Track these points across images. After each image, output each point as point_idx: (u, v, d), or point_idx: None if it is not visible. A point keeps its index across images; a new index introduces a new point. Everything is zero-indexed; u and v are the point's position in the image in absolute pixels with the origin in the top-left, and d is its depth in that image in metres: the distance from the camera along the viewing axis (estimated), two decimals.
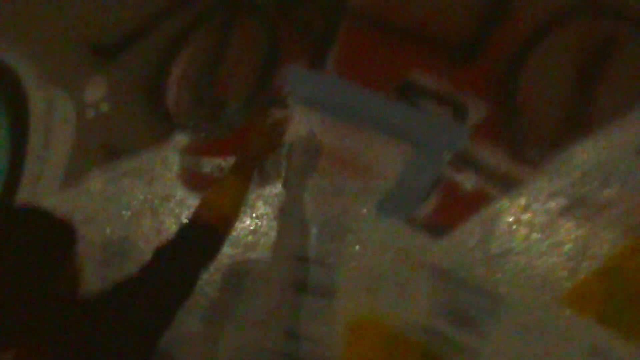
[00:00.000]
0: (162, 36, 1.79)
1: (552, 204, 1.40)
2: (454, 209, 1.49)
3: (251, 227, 1.65)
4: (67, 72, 1.89)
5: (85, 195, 1.84)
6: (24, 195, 1.93)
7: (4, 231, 1.07)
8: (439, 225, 1.50)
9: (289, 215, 1.63)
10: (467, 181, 1.49)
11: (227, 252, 1.65)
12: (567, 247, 1.38)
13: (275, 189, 1.64)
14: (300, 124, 1.63)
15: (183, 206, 1.72)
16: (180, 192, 1.74)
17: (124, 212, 1.79)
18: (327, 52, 1.61)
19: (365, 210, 1.56)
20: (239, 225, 1.65)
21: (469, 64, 1.49)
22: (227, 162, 1.68)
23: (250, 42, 1.70)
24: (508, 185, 1.45)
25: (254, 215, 1.65)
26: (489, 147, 1.47)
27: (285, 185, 1.64)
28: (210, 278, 1.67)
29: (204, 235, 1.33)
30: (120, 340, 1.13)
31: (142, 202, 1.77)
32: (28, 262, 1.05)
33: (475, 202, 1.48)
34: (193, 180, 1.73)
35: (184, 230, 1.34)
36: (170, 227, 1.72)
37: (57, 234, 1.12)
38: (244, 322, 1.65)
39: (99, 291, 1.20)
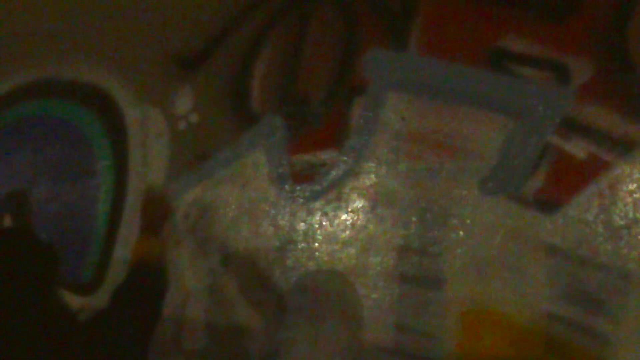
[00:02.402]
0: (241, 39, 1.79)
1: None
2: (567, 181, 1.37)
3: (348, 222, 1.61)
4: (156, 88, 1.94)
5: (184, 206, 1.88)
6: (128, 213, 2.01)
7: None
8: (551, 200, 1.38)
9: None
10: (579, 149, 1.35)
11: (327, 249, 1.62)
12: None
13: (370, 180, 1.58)
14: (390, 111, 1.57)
15: (277, 207, 1.71)
16: (273, 193, 1.72)
17: (222, 219, 1.81)
18: (409, 31, 1.54)
19: (466, 192, 1.46)
20: (335, 222, 1.62)
21: (566, 20, 1.37)
22: (316, 157, 1.65)
23: (328, 31, 1.66)
24: (626, 148, 1.31)
25: (349, 209, 1.60)
26: (600, 109, 1.34)
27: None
28: (313, 277, 1.65)
29: (155, 273, 1.51)
30: None
31: (238, 207, 1.78)
32: (12, 280, 1.14)
33: (590, 171, 1.35)
34: (284, 179, 1.71)
35: (134, 275, 1.49)
36: (267, 229, 1.72)
37: (38, 255, 1.21)
38: (351, 319, 1.60)
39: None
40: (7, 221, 2.26)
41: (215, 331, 1.81)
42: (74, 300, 2.08)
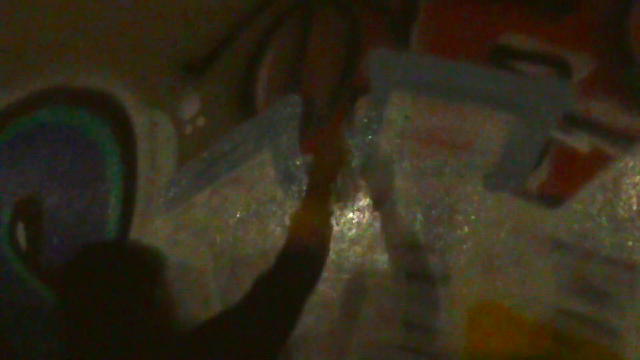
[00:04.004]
0: (245, 43, 1.81)
1: None
2: (570, 175, 1.37)
3: (354, 221, 1.62)
4: (163, 93, 1.96)
5: (193, 209, 1.90)
6: (138, 218, 2.03)
7: (92, 267, 1.12)
8: (555, 194, 1.38)
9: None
10: (581, 143, 1.36)
11: (334, 247, 1.63)
12: None
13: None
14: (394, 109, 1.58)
15: (284, 208, 1.72)
16: (280, 195, 1.74)
17: (230, 221, 1.83)
18: (410, 30, 1.55)
19: (470, 189, 1.47)
20: (341, 220, 1.62)
21: (566, 15, 1.38)
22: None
23: (330, 33, 1.68)
24: (629, 141, 1.32)
25: (355, 207, 1.62)
26: (602, 103, 1.35)
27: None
28: (322, 275, 1.65)
29: (305, 260, 1.28)
30: None
31: (245, 209, 1.80)
32: (118, 294, 1.09)
33: (593, 165, 1.35)
34: (291, 180, 1.72)
35: (285, 258, 1.28)
36: (275, 230, 1.73)
37: (143, 265, 1.16)
38: (360, 317, 1.61)
39: (204, 321, 1.19)
40: (20, 228, 2.29)
41: None
42: None
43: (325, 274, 1.64)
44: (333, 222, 1.48)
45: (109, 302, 1.09)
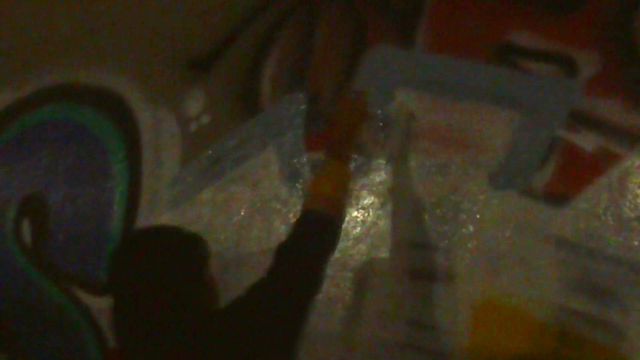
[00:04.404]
0: (250, 40, 1.81)
1: None
2: (576, 174, 1.37)
3: (358, 219, 1.62)
4: (167, 90, 1.97)
5: (197, 206, 1.90)
6: (143, 213, 2.04)
7: (145, 251, 1.13)
8: (561, 193, 1.38)
9: (399, 196, 1.57)
10: (587, 141, 1.35)
11: (338, 245, 1.62)
12: None
13: (380, 176, 1.60)
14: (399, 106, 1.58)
15: (289, 205, 1.72)
16: (284, 192, 1.74)
17: (234, 218, 1.83)
18: (416, 28, 1.55)
19: (475, 187, 1.47)
20: (345, 218, 1.60)
21: (573, 13, 1.37)
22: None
23: (335, 30, 1.68)
24: (635, 140, 1.31)
25: (359, 206, 1.61)
26: (608, 102, 1.34)
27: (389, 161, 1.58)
28: (327, 274, 1.65)
29: (322, 227, 1.30)
30: (260, 344, 1.14)
31: (250, 206, 1.80)
32: (171, 277, 1.10)
33: (599, 164, 1.35)
34: (295, 178, 1.72)
35: (302, 226, 1.31)
36: (280, 228, 1.73)
37: (193, 249, 1.18)
38: (364, 314, 1.61)
39: (231, 300, 1.21)
40: (25, 225, 2.30)
41: None
42: (92, 301, 2.12)
43: (329, 272, 1.65)
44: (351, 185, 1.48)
45: (163, 284, 1.10)
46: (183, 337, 1.10)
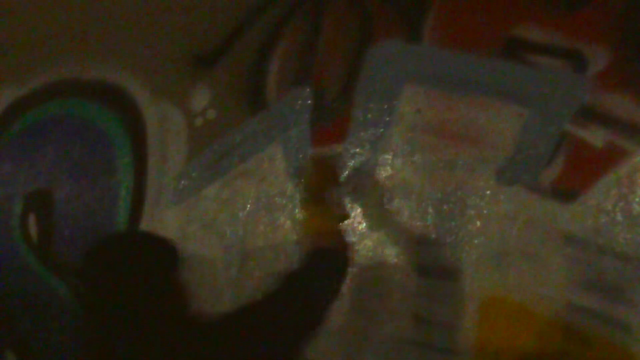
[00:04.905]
0: (256, 35, 1.80)
1: None
2: (584, 170, 1.36)
3: (365, 214, 1.61)
4: (173, 85, 1.96)
5: (203, 202, 1.90)
6: (149, 208, 2.03)
7: (116, 256, 1.15)
8: (569, 189, 1.37)
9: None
10: (596, 137, 1.34)
11: None
12: None
13: (385, 172, 1.59)
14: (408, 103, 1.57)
15: (294, 201, 1.71)
16: (290, 187, 1.73)
17: (240, 214, 1.83)
18: (423, 22, 1.53)
19: (482, 183, 1.46)
20: (351, 214, 1.61)
21: (581, 7, 1.35)
22: (332, 150, 1.65)
23: (342, 25, 1.67)
24: None
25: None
26: (617, 97, 1.33)
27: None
28: None
29: (335, 262, 1.33)
30: None
31: (255, 202, 1.79)
32: (141, 283, 1.12)
33: (608, 160, 1.33)
34: (301, 173, 1.72)
35: (316, 259, 1.32)
36: (285, 223, 1.72)
37: (164, 255, 1.19)
38: (371, 311, 1.61)
39: (226, 312, 1.21)
40: (31, 220, 2.30)
41: None
42: None
43: None
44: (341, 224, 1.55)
45: (127, 290, 1.11)
46: (153, 342, 1.10)
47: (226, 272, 1.84)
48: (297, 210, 1.70)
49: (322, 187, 1.51)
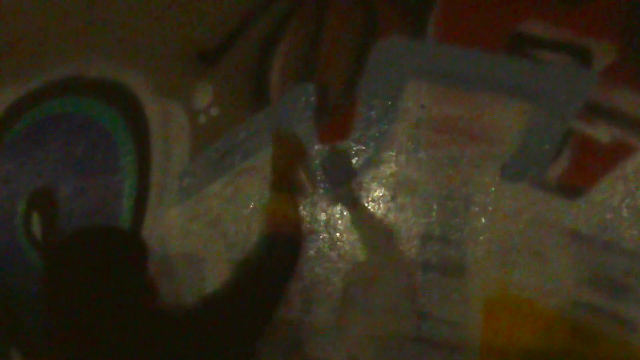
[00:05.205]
0: (259, 32, 1.79)
1: None
2: (590, 166, 1.35)
3: (368, 211, 1.60)
4: (176, 83, 1.96)
5: (206, 199, 1.90)
6: (152, 206, 2.03)
7: (81, 249, 1.15)
8: (575, 185, 1.36)
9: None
10: (602, 133, 1.33)
11: (348, 238, 1.62)
12: None
13: (390, 169, 1.58)
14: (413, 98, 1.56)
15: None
16: None
17: (243, 211, 1.82)
18: (427, 18, 1.52)
19: (487, 179, 1.45)
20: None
21: (587, 2, 1.34)
22: (336, 147, 1.65)
23: (345, 21, 1.65)
24: None
25: (369, 198, 1.60)
26: (623, 92, 1.31)
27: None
28: (335, 267, 1.65)
29: (286, 246, 1.35)
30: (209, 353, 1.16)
31: (259, 199, 1.78)
32: (104, 276, 1.12)
33: (614, 156, 1.32)
34: (304, 170, 1.70)
35: (266, 245, 1.36)
36: None
37: (131, 249, 1.20)
38: (375, 308, 1.60)
39: (189, 304, 1.25)
40: (35, 218, 2.30)
41: None
42: None
43: (339, 265, 1.65)
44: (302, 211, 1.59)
45: (90, 285, 1.11)
46: (119, 335, 1.11)
47: (230, 269, 1.83)
48: (300, 208, 1.68)
49: (289, 167, 1.50)
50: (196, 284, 1.89)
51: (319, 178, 1.68)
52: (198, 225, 1.90)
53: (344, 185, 1.64)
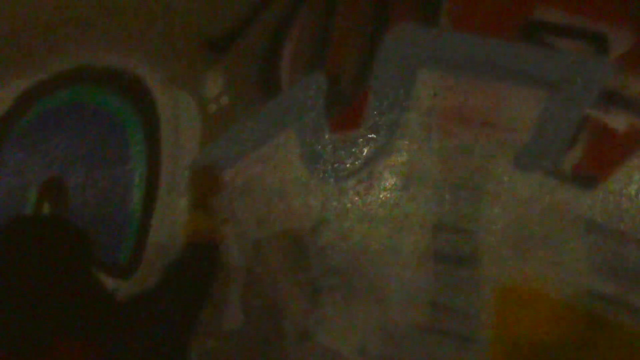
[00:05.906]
0: (269, 20, 1.78)
1: None
2: (606, 154, 1.32)
3: (380, 200, 1.59)
4: (186, 72, 1.95)
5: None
6: (162, 196, 2.03)
7: (26, 238, 1.18)
8: (590, 174, 1.33)
9: None
10: (619, 121, 1.30)
11: (359, 228, 1.61)
12: None
13: (402, 157, 1.57)
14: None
15: (309, 187, 1.69)
16: (304, 174, 1.71)
17: (254, 200, 1.81)
18: (439, 5, 1.50)
19: (501, 168, 1.43)
20: (367, 200, 1.60)
21: None
22: (347, 136, 1.64)
23: (356, 8, 1.64)
24: None
25: (381, 187, 1.59)
26: None
27: None
28: (345, 257, 1.64)
29: (209, 256, 1.61)
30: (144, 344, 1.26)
31: (270, 188, 1.78)
32: (47, 265, 1.16)
33: (630, 144, 1.29)
34: (316, 159, 1.70)
35: (191, 254, 1.60)
36: (300, 209, 1.71)
37: (78, 240, 1.25)
38: (386, 298, 1.59)
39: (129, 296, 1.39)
40: (45, 208, 2.31)
41: (252, 311, 1.84)
42: (111, 283, 2.13)
43: (349, 256, 1.64)
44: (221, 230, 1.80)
45: (45, 273, 1.16)
46: (62, 326, 1.14)
47: (240, 259, 1.83)
48: (311, 197, 1.69)
49: (205, 195, 1.77)
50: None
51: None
52: None
53: (355, 175, 1.64)
